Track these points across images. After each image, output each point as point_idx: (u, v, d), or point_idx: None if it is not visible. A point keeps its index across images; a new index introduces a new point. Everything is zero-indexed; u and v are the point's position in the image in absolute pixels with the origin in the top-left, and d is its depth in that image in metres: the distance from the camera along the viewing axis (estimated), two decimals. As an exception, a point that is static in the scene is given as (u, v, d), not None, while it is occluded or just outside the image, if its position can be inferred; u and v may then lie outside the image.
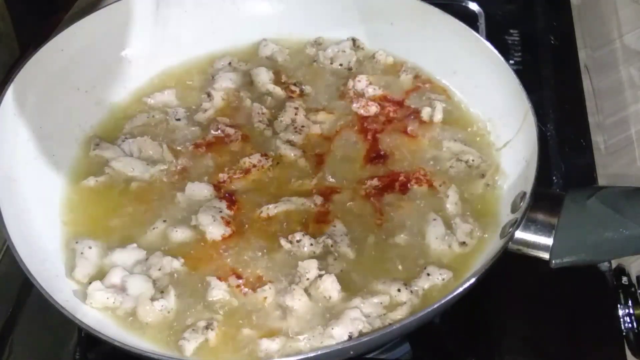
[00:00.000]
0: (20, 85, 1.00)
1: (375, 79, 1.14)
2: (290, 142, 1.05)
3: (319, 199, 0.98)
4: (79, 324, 0.81)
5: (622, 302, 0.96)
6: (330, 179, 1.01)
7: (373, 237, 0.95)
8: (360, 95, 1.12)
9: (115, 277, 0.90)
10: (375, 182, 1.00)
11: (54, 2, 1.40)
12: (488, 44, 1.06)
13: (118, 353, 0.80)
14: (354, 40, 1.19)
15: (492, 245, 0.92)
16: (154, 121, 1.10)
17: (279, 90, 1.13)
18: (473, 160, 1.02)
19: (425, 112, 1.08)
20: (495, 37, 1.27)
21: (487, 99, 1.07)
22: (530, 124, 0.95)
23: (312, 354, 0.79)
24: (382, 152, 1.04)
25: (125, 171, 1.02)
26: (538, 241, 0.87)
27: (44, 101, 1.05)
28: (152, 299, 0.88)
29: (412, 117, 1.08)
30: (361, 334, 0.83)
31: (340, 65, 1.17)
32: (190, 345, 0.84)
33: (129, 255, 0.93)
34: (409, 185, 1.00)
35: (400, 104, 1.11)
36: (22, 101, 1.01)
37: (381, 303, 0.87)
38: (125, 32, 1.14)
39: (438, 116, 1.07)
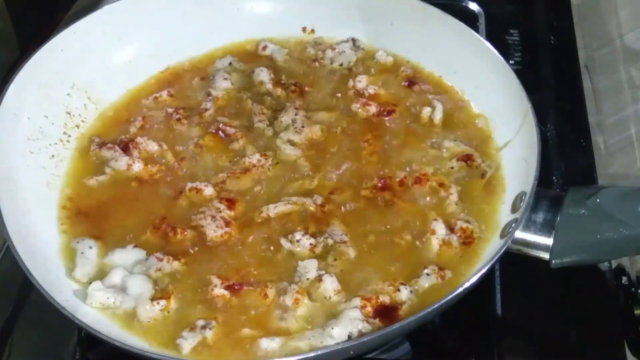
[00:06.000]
0: (20, 85, 1.00)
1: (375, 79, 1.14)
2: (290, 142, 1.05)
3: (319, 199, 0.98)
4: (79, 324, 0.81)
5: (622, 302, 0.96)
6: (331, 179, 1.01)
7: (373, 237, 0.95)
8: (360, 95, 1.12)
9: (115, 277, 0.90)
10: (375, 182, 1.00)
11: (54, 2, 1.40)
12: (488, 44, 1.06)
13: (118, 353, 0.80)
14: (354, 40, 1.19)
15: (492, 245, 0.92)
16: (154, 121, 1.10)
17: (279, 90, 1.13)
18: (473, 161, 1.02)
19: (425, 112, 1.08)
20: (495, 37, 1.27)
21: (487, 99, 1.07)
22: (530, 124, 0.95)
23: (312, 354, 0.79)
24: (382, 152, 1.04)
25: (125, 171, 1.02)
26: (538, 241, 0.87)
27: (44, 101, 1.05)
28: (152, 299, 0.88)
29: (412, 117, 1.08)
30: (361, 334, 0.83)
31: (340, 65, 1.17)
32: (187, 344, 0.84)
33: (128, 255, 0.93)
34: (409, 185, 1.00)
35: (400, 103, 1.11)
36: (22, 101, 1.01)
37: (381, 303, 0.87)
38: (125, 32, 1.14)
39: (438, 116, 1.07)
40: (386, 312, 0.87)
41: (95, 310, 0.88)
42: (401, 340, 0.94)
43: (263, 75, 1.14)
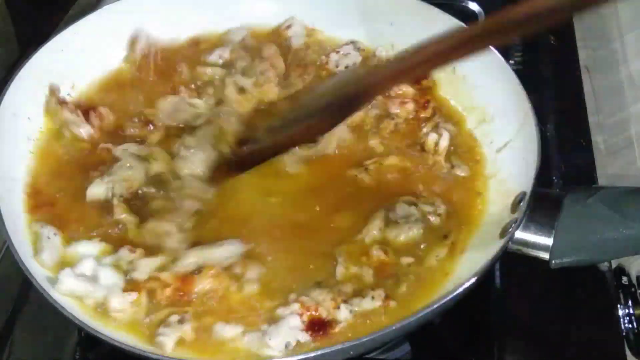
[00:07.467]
0: (20, 85, 1.00)
1: (376, 79, 1.13)
2: None
3: None
4: (79, 324, 0.80)
5: (622, 302, 0.96)
6: None
7: None
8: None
9: (85, 267, 0.87)
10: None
11: (54, 2, 1.40)
12: (488, 44, 1.06)
13: (118, 353, 0.80)
14: (353, 42, 1.18)
15: (492, 246, 0.92)
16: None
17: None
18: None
19: (431, 140, 1.04)
20: (495, 37, 1.27)
21: (487, 99, 1.07)
22: (530, 124, 0.95)
23: (312, 354, 0.79)
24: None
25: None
26: (538, 241, 0.87)
27: (43, 101, 1.05)
28: (124, 291, 0.86)
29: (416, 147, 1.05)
30: (361, 334, 0.83)
31: (346, 67, 1.15)
32: (169, 340, 0.82)
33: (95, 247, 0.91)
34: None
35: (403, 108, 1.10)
36: (22, 101, 1.01)
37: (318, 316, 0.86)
38: (126, 32, 1.14)
39: (443, 144, 1.03)
40: (321, 326, 0.85)
41: (66, 298, 0.85)
42: (401, 340, 0.94)
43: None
